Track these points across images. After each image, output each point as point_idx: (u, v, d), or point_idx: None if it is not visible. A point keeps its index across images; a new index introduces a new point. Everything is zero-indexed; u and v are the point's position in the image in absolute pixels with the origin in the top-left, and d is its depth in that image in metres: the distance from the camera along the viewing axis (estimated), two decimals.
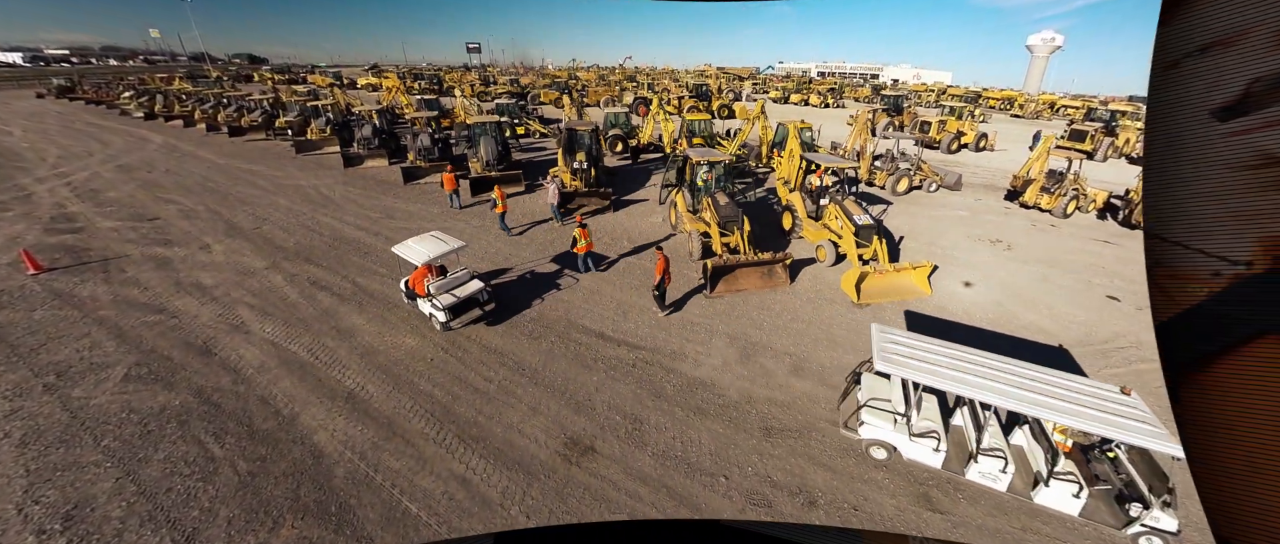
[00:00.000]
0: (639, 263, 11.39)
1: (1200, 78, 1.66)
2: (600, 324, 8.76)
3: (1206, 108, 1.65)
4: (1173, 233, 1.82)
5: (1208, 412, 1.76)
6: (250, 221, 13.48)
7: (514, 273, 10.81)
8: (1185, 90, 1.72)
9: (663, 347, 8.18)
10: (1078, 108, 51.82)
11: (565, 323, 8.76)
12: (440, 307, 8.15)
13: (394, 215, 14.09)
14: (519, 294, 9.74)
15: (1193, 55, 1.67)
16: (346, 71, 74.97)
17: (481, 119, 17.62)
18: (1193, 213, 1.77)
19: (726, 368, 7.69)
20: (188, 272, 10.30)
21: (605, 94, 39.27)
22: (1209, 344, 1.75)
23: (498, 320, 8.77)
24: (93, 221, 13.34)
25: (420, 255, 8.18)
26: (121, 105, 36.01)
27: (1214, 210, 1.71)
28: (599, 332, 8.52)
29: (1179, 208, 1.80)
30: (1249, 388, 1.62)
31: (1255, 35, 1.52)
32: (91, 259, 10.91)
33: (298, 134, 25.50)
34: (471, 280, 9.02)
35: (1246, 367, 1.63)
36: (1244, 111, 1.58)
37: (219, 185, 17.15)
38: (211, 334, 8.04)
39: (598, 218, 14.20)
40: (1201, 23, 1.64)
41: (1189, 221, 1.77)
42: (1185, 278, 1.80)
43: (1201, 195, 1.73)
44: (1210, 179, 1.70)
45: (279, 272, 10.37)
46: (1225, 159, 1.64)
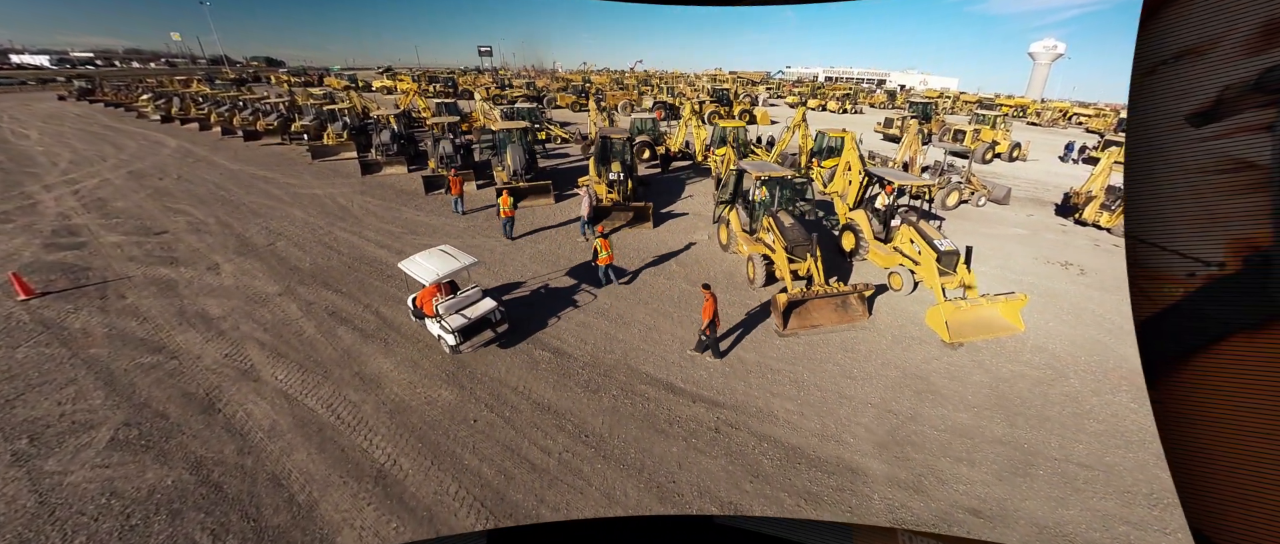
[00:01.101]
0: (682, 287, 9.98)
1: (1175, 84, 1.72)
2: (666, 371, 7.37)
3: (1181, 113, 1.71)
4: (1151, 235, 1.87)
5: (1183, 409, 1.80)
6: (263, 237, 12.18)
7: (526, 288, 9.45)
8: (1161, 96, 1.77)
9: (745, 403, 6.77)
10: (1090, 115, 49.86)
11: (625, 369, 7.37)
12: (450, 328, 7.24)
13: (417, 230, 12.75)
14: (551, 318, 8.36)
15: (1168, 62, 1.73)
16: (361, 74, 73.90)
17: (508, 125, 16.26)
18: (1169, 215, 1.81)
19: (826, 434, 6.29)
20: (193, 298, 8.99)
21: (623, 98, 37.84)
22: (1184, 343, 1.80)
23: (513, 342, 7.42)
24: (96, 236, 12.09)
25: (429, 272, 7.29)
26: (139, 108, 34.96)
27: (1189, 213, 1.75)
28: (667, 382, 7.12)
29: (1156, 210, 1.85)
30: (1221, 385, 1.68)
31: (1226, 43, 1.57)
32: (90, 281, 9.64)
33: (313, 138, 24.28)
34: (483, 299, 8.01)
35: (1219, 365, 1.68)
36: (1216, 117, 1.63)
37: (232, 194, 15.89)
38: (216, 382, 6.71)
39: (634, 233, 12.82)
40: (1176, 31, 1.70)
41: (1166, 224, 1.82)
42: (1162, 279, 1.85)
43: (1177, 198, 1.78)
44: (1185, 183, 1.75)
45: (294, 299, 9.05)
46: (1199, 163, 1.68)
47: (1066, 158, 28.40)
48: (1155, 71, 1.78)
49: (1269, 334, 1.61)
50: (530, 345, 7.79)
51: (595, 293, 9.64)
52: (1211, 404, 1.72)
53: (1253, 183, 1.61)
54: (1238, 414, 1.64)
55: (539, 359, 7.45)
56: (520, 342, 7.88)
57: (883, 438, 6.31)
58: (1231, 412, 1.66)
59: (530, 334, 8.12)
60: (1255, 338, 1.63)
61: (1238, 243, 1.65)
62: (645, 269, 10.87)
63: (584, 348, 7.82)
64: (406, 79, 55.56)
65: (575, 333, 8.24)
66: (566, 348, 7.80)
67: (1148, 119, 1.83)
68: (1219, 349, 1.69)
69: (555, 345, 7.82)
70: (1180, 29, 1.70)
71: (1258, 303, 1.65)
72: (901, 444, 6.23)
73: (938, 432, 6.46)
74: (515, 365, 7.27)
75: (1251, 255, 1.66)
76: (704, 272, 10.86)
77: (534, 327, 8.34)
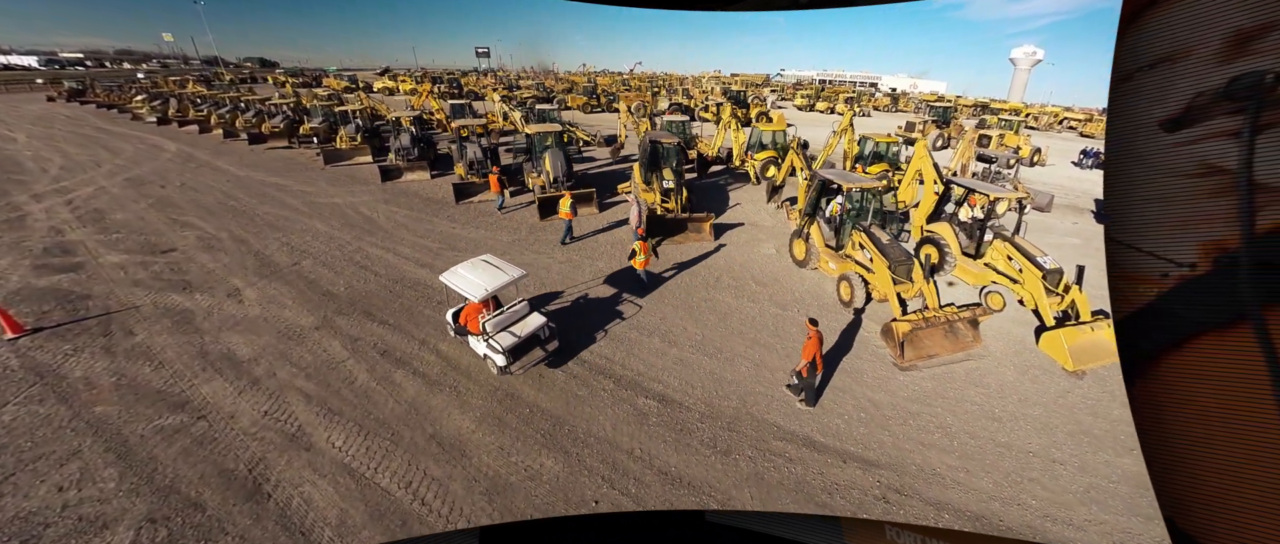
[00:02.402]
0: (772, 312, 8.71)
1: (1150, 91, 1.76)
2: (796, 420, 6.09)
3: (1156, 119, 1.74)
4: (1128, 236, 1.90)
5: (1157, 403, 1.84)
6: (286, 255, 10.62)
7: (567, 298, 8.14)
8: (1137, 102, 1.80)
9: (900, 460, 5.54)
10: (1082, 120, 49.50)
11: (750, 420, 6.06)
12: (499, 347, 6.44)
13: (456, 245, 11.28)
14: (641, 350, 7.04)
15: (1144, 69, 1.76)
16: (360, 75, 71.12)
17: (541, 128, 14.79)
18: (1144, 218, 1.84)
19: (1005, 497, 5.09)
20: (215, 334, 7.48)
21: (635, 100, 36.35)
22: (1158, 340, 1.83)
23: (562, 361, 6.12)
24: (95, 255, 10.42)
25: (477, 288, 6.53)
26: (134, 109, 32.56)
27: (1162, 216, 1.79)
28: (804, 436, 5.84)
29: (1133, 213, 1.87)
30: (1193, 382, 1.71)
31: (1198, 52, 1.60)
32: (90, 313, 8.05)
33: (323, 141, 22.49)
34: (531, 314, 7.10)
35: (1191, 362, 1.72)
36: (1189, 123, 1.66)
37: (243, 204, 14.20)
38: (258, 452, 5.28)
39: (698, 247, 11.50)
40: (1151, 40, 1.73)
41: (1141, 226, 1.85)
42: (1138, 279, 1.87)
43: (1152, 201, 1.80)
44: (1159, 186, 1.79)
45: (335, 334, 7.58)
46: (1172, 167, 1.72)
47: (1082, 163, 27.71)
48: (1132, 78, 1.83)
49: (1237, 333, 1.65)
50: (632, 393, 6.45)
51: (677, 320, 8.32)
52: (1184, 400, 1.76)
53: (1222, 187, 1.64)
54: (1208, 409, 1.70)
55: (646, 411, 6.12)
56: (622, 389, 6.54)
57: (1061, 496, 5.17)
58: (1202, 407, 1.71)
59: (629, 376, 6.79)
60: (1224, 336, 1.67)
61: (1208, 245, 1.69)
62: (725, 290, 9.57)
63: (692, 393, 6.50)
64: (409, 80, 53.33)
65: (675, 372, 6.92)
66: (672, 393, 6.47)
67: (1125, 124, 1.88)
68: (1191, 347, 1.74)
69: (658, 391, 6.49)
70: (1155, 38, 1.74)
71: (1226, 303, 1.68)
72: (1085, 503, 5.10)
73: (1113, 483, 5.37)
74: (621, 420, 5.93)
75: (1221, 256, 1.69)
76: (786, 292, 9.60)
77: (636, 365, 7.01)
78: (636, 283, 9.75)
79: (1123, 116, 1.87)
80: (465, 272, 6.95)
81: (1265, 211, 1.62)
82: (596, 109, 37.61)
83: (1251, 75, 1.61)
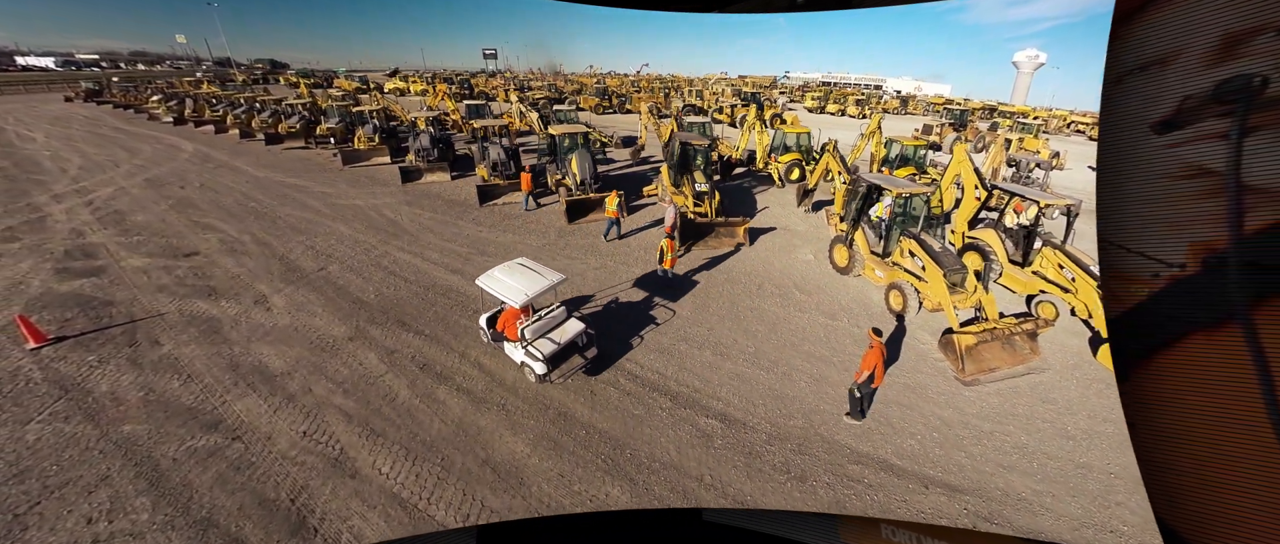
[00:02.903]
0: (821, 322, 8.22)
1: (1141, 94, 1.77)
2: (868, 440, 5.60)
3: (1146, 121, 1.75)
4: (1119, 237, 1.90)
5: (1148, 402, 1.83)
6: (311, 259, 10.19)
7: (601, 303, 7.66)
8: (1128, 105, 1.80)
9: (982, 484, 5.06)
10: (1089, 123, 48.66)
11: (820, 441, 5.58)
12: (539, 355, 6.11)
13: (485, 250, 10.82)
14: (693, 365, 6.56)
15: (1135, 72, 1.77)
16: (370, 76, 70.79)
17: (567, 130, 14.32)
18: (1135, 219, 1.85)
19: (1098, 522, 4.60)
20: (245, 345, 7.04)
21: (649, 101, 35.83)
22: (1149, 340, 1.83)
23: (608, 371, 5.65)
24: (117, 258, 10.02)
25: (516, 293, 6.16)
26: (150, 109, 32.30)
27: (1153, 217, 1.79)
28: (879, 458, 5.36)
29: (1124, 214, 1.87)
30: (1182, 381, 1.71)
31: (1187, 55, 1.62)
32: (114, 320, 7.64)
33: (340, 142, 22.10)
34: (569, 320, 6.75)
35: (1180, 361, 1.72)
36: (1178, 125, 1.68)
37: (263, 205, 13.80)
38: (301, 479, 4.83)
39: (715, 250, 11.01)
40: (1142, 43, 1.73)
41: (1132, 227, 1.86)
42: (1129, 279, 1.89)
43: (1142, 203, 1.81)
44: (1150, 188, 1.79)
45: (369, 345, 7.13)
46: (1162, 169, 1.73)
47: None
48: (1122, 81, 1.83)
49: (1225, 333, 1.64)
50: (692, 412, 5.97)
51: (725, 331, 7.83)
52: (1173, 399, 1.75)
53: (1211, 188, 1.64)
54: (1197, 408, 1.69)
55: (710, 432, 5.64)
56: (681, 408, 6.07)
57: (1152, 521, 4.65)
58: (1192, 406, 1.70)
59: (686, 393, 6.31)
60: (1213, 336, 1.66)
61: (1198, 246, 1.69)
62: (769, 298, 9.08)
63: (755, 411, 6.02)
64: (419, 81, 52.95)
65: (733, 388, 6.44)
66: (733, 412, 6.00)
67: (1116, 127, 1.87)
68: (1181, 347, 1.73)
69: (719, 410, 6.02)
70: (1145, 41, 1.74)
71: (1215, 303, 1.66)
72: None
73: None
74: (685, 443, 5.45)
75: (1209, 257, 1.68)
76: (832, 300, 9.10)
77: (691, 381, 6.53)
78: (672, 288, 9.29)
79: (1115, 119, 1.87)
80: (502, 275, 6.56)
81: (1253, 213, 1.61)
82: (608, 110, 37.12)
83: (1240, 78, 1.59)
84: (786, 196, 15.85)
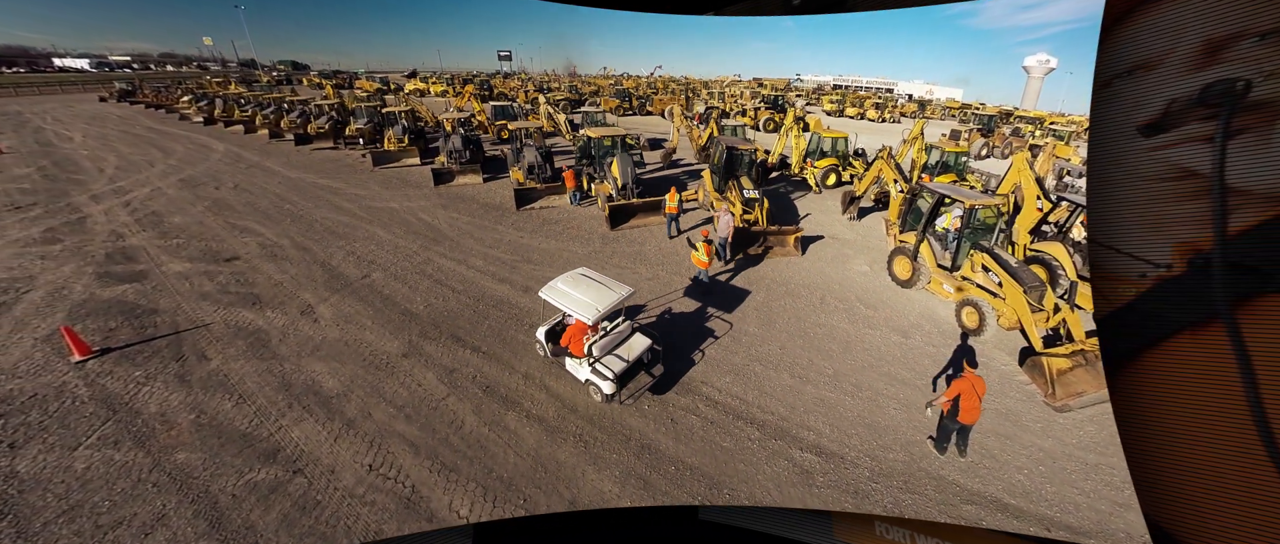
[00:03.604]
0: (894, 340, 7.53)
1: (1128, 97, 1.77)
2: (978, 477, 4.95)
3: (1133, 124, 1.76)
4: (1108, 238, 1.89)
5: (1136, 400, 1.81)
6: (353, 266, 9.71)
7: (654, 314, 7.04)
8: (1116, 108, 1.81)
9: (1108, 527, 4.44)
10: None
11: (929, 479, 4.92)
12: (608, 374, 5.62)
13: (531, 257, 10.27)
14: (766, 385, 5.94)
15: (1122, 76, 1.77)
16: (390, 78, 70.80)
17: (605, 132, 13.73)
18: (1123, 220, 1.84)
19: None
20: (295, 361, 6.55)
21: (670, 103, 35.12)
22: (1137, 340, 1.82)
23: (682, 394, 5.00)
24: (158, 263, 9.62)
25: (588, 308, 5.65)
26: (180, 109, 32.30)
27: (1140, 218, 1.79)
28: (994, 497, 4.70)
29: (1112, 215, 1.86)
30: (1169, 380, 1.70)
31: (1172, 60, 1.62)
32: (159, 331, 7.19)
33: (368, 143, 21.73)
34: (634, 334, 6.24)
35: (1167, 360, 1.71)
36: (1165, 128, 1.68)
37: (298, 208, 13.39)
38: (372, 521, 4.29)
39: (786, 263, 10.34)
40: (1128, 47, 1.74)
41: (1120, 228, 1.85)
42: (1117, 280, 1.88)
43: (1130, 204, 1.81)
44: (1137, 189, 1.78)
45: (426, 363, 6.60)
46: (1149, 171, 1.73)
47: None
48: (1111, 84, 1.82)
49: (1210, 332, 1.64)
50: (783, 443, 5.36)
51: (798, 350, 7.20)
52: (1161, 397, 1.74)
53: (1196, 190, 1.64)
54: (1184, 407, 1.68)
55: (808, 467, 5.02)
56: (770, 439, 5.45)
57: None
58: (1178, 404, 1.69)
59: (772, 422, 5.69)
60: (1199, 335, 1.66)
61: (1183, 246, 1.70)
62: (833, 313, 8.42)
63: (849, 443, 5.39)
64: (439, 82, 52.71)
65: (820, 416, 5.82)
66: (827, 444, 5.37)
67: (1105, 129, 1.87)
68: (1167, 346, 1.72)
69: (812, 442, 5.40)
70: (1132, 45, 1.74)
71: (1200, 303, 1.66)
72: None
73: None
74: (784, 480, 4.84)
75: (1195, 257, 1.69)
76: (899, 315, 8.42)
77: (775, 407, 5.91)
78: (728, 299, 8.68)
79: (1103, 122, 1.86)
80: (567, 288, 6.00)
81: (1236, 214, 1.61)
82: (629, 111, 36.47)
83: (1223, 83, 1.59)
84: (825, 202, 15.14)
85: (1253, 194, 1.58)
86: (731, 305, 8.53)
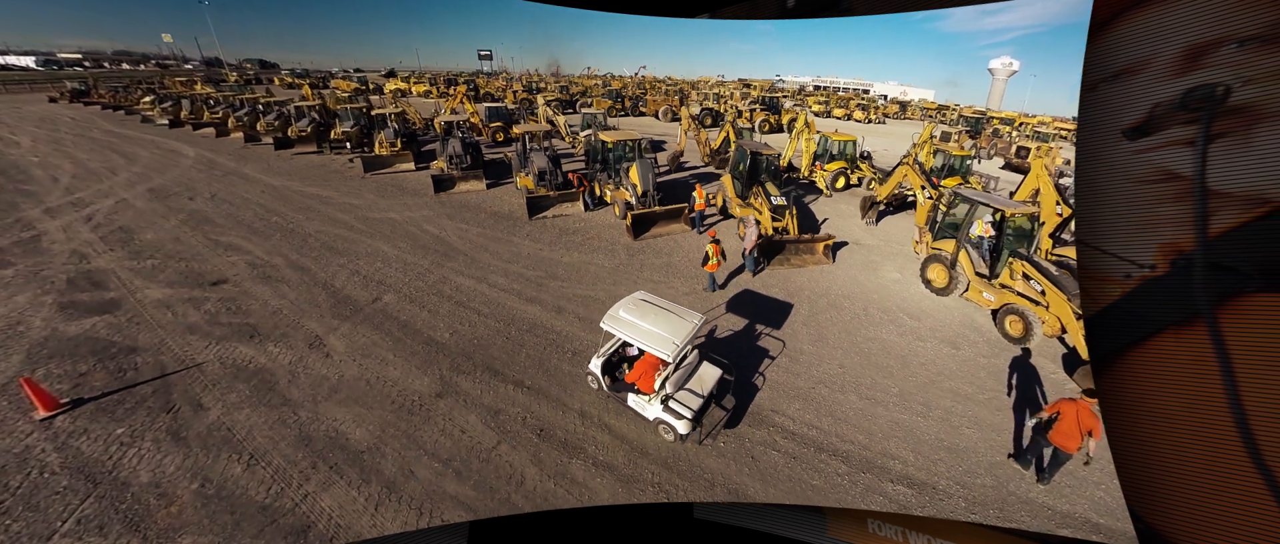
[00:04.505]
0: (945, 351, 7.11)
1: (1114, 101, 1.78)
2: (1062, 497, 4.52)
3: (1119, 127, 1.77)
4: (1095, 239, 1.90)
5: (1122, 398, 1.83)
6: (360, 287, 8.68)
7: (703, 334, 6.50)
8: (1102, 111, 1.82)
9: None
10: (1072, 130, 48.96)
11: (1018, 503, 4.45)
12: (686, 413, 4.98)
13: (556, 273, 9.44)
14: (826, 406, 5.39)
15: (1108, 80, 1.79)
16: (369, 77, 67.53)
17: (620, 136, 12.94)
18: (1110, 221, 1.85)
19: None
20: (312, 407, 5.59)
21: (663, 104, 34.40)
22: (1122, 338, 1.84)
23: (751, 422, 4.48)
24: (131, 289, 8.36)
25: (665, 343, 4.88)
26: (142, 111, 29.63)
27: (1126, 219, 1.80)
28: (1083, 517, 4.30)
29: (1099, 217, 1.89)
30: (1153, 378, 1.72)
31: (1156, 64, 1.64)
32: (141, 374, 6.08)
33: (356, 146, 20.26)
34: (703, 364, 5.69)
35: (1151, 358, 1.73)
36: (1148, 131, 1.70)
37: (287, 219, 12.12)
38: None
39: (818, 271, 9.84)
40: (1115, 51, 1.76)
41: (1107, 229, 1.86)
42: (1104, 280, 1.90)
43: (1116, 206, 1.82)
44: (1122, 191, 1.80)
45: (465, 402, 5.75)
46: (1134, 174, 1.75)
47: None
48: (1097, 88, 1.84)
49: (1192, 332, 1.65)
50: (873, 476, 4.83)
51: (857, 367, 6.67)
52: (1145, 395, 1.75)
53: (1179, 192, 1.66)
54: (1167, 404, 1.69)
55: (904, 501, 4.50)
56: (858, 472, 4.85)
57: None
58: (1162, 402, 1.70)
59: (854, 452, 5.11)
60: (1181, 334, 1.68)
61: (1167, 247, 1.72)
62: (879, 325, 7.95)
63: (936, 470, 4.92)
64: (423, 82, 50.47)
65: (901, 442, 5.32)
66: (915, 473, 4.88)
67: (1092, 132, 1.87)
68: (1151, 344, 1.75)
69: (900, 472, 4.89)
70: (1118, 50, 1.75)
71: (1183, 303, 1.68)
72: None
73: None
74: None
75: (1178, 258, 1.70)
76: (944, 325, 8.04)
77: (853, 435, 5.32)
78: (772, 313, 8.14)
79: (1090, 125, 1.86)
80: (633, 317, 5.29)
81: (1217, 216, 1.61)
82: (621, 112, 35.59)
83: (1204, 87, 1.61)
84: (838, 206, 14.81)
85: (1233, 197, 1.62)
86: (777, 320, 7.97)
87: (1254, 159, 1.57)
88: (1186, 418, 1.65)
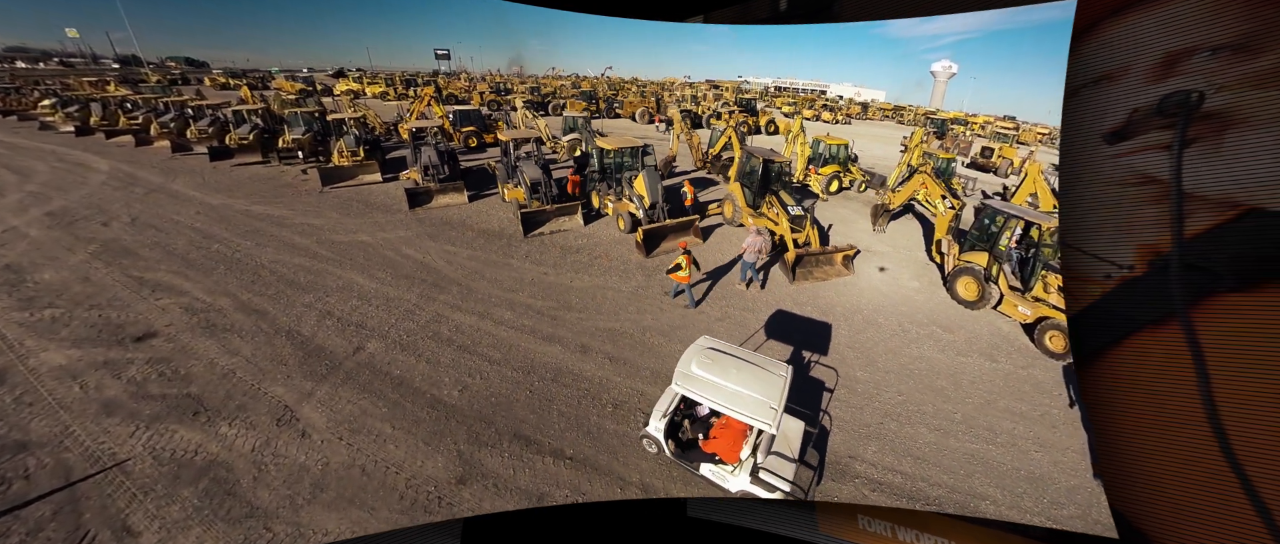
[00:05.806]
0: (985, 366, 6.62)
1: (1094, 106, 1.81)
2: None
3: (1099, 132, 1.79)
4: (1077, 240, 1.91)
5: (1102, 396, 1.84)
6: (335, 333, 7.05)
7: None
8: (1084, 116, 1.84)
9: None
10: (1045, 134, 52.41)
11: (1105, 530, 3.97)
12: (784, 486, 4.26)
13: (569, 302, 8.18)
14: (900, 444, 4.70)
15: (1089, 85, 1.81)
16: (316, 77, 61.61)
17: (622, 143, 11.77)
18: (1091, 223, 1.86)
19: None
20: (290, 516, 4.09)
21: (640, 105, 33.29)
22: (1103, 337, 1.85)
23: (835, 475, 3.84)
24: (20, 351, 6.33)
25: (765, 410, 3.97)
26: (41, 116, 25.04)
27: (1106, 221, 1.81)
28: None
29: (1081, 218, 1.89)
30: (1131, 376, 1.73)
31: (1135, 71, 1.68)
32: (35, 485, 4.33)
33: (309, 156, 17.81)
34: (785, 418, 4.89)
35: (1130, 356, 1.75)
36: (1127, 136, 1.73)
37: (233, 247, 10.07)
38: None
39: (842, 282, 9.20)
40: (1095, 57, 1.78)
41: (1088, 231, 1.88)
42: (1084, 280, 1.91)
43: (1096, 208, 1.83)
44: (1103, 194, 1.81)
45: (498, 488, 4.45)
46: (1114, 177, 1.77)
47: None
48: (1078, 93, 1.86)
49: (1167, 331, 1.68)
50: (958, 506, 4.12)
51: (915, 394, 6.01)
52: (1123, 393, 1.77)
53: (1156, 195, 1.69)
54: (1144, 402, 1.71)
55: None
56: None
57: None
58: (1138, 401, 1.72)
59: (943, 496, 4.35)
60: (1157, 333, 1.71)
61: (1144, 248, 1.75)
62: (918, 342, 7.38)
63: (1024, 505, 4.47)
64: (379, 82, 46.54)
65: (982, 477, 4.75)
66: (1007, 512, 4.37)
67: (1074, 136, 1.89)
68: (1129, 345, 1.77)
69: (994, 513, 4.24)
70: (1098, 57, 1.79)
71: (1159, 303, 1.70)
72: None
73: None
74: None
75: (1155, 259, 1.73)
76: (979, 339, 7.65)
77: (935, 475, 4.56)
78: (812, 334, 7.42)
79: (1073, 129, 1.88)
80: (712, 376, 4.29)
81: (1192, 218, 1.64)
82: (596, 114, 34.16)
83: (1180, 94, 1.64)
84: (836, 211, 14.46)
85: (1206, 199, 1.63)
86: (820, 344, 7.21)
87: (1225, 163, 1.61)
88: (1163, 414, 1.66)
